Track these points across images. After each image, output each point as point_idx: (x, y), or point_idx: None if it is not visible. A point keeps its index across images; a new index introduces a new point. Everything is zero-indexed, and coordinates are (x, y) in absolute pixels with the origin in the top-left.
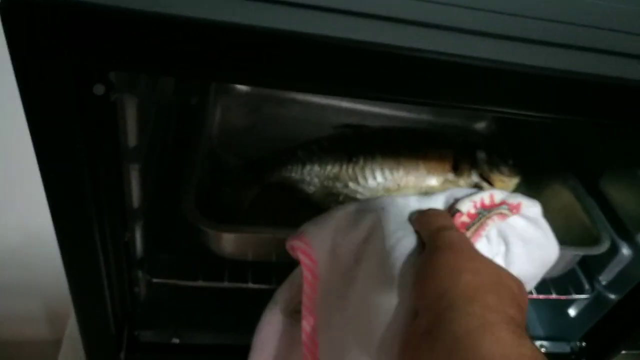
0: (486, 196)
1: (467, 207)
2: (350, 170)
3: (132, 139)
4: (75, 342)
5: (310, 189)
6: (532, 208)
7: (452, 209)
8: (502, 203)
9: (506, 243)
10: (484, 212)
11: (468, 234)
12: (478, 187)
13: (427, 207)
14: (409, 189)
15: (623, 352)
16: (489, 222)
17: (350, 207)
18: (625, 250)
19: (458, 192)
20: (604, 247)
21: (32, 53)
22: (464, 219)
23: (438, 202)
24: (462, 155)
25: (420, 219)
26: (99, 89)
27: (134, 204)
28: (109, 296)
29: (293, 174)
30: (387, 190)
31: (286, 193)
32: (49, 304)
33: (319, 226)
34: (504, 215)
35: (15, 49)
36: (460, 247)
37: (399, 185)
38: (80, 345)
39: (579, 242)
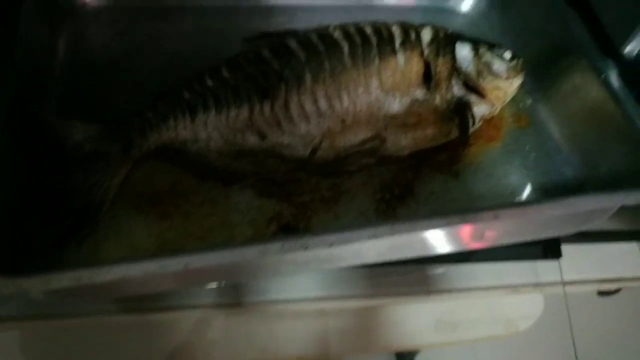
0: None
1: None
2: (267, 112)
3: None
4: None
5: (209, 150)
6: None
7: None
8: None
9: None
10: None
11: None
12: (463, 104)
13: None
14: (360, 126)
15: None
16: None
17: None
18: None
19: None
20: None
21: None
22: None
23: None
24: (436, 56)
25: None
26: None
27: None
28: None
29: (179, 131)
30: (330, 133)
31: (174, 163)
32: None
33: None
34: None
35: None
36: None
37: (343, 122)
38: None
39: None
